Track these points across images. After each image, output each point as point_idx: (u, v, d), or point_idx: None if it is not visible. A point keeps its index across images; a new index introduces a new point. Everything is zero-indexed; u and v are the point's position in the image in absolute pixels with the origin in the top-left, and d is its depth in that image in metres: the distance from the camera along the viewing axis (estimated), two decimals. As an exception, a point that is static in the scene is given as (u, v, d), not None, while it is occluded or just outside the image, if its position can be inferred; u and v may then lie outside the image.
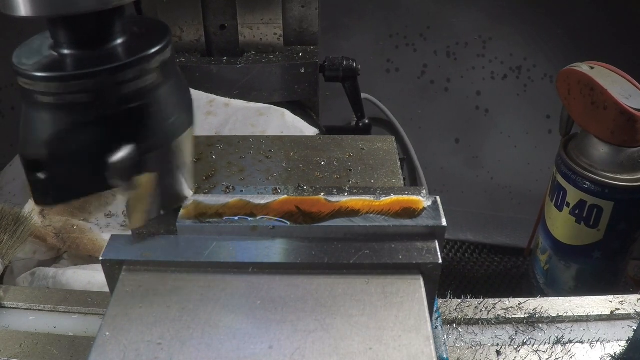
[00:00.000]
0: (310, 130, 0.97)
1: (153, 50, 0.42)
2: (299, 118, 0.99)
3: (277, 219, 0.46)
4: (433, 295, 0.46)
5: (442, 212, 0.47)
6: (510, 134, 1.41)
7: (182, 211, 0.47)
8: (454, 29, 1.38)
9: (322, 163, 0.59)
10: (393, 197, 0.48)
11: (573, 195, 0.90)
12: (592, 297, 0.65)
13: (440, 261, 0.43)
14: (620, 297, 0.65)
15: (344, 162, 0.59)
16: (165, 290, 0.42)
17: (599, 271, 0.94)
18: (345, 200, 0.47)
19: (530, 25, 1.34)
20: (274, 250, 0.44)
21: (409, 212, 0.47)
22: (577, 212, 0.90)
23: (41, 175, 0.43)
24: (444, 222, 0.46)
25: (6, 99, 1.41)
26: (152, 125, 0.43)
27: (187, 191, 0.49)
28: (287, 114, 0.98)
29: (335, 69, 1.10)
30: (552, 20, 1.32)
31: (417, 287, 0.42)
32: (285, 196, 0.48)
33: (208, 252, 0.44)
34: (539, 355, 0.58)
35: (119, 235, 0.46)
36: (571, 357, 0.58)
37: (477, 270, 1.33)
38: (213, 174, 0.57)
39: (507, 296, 0.64)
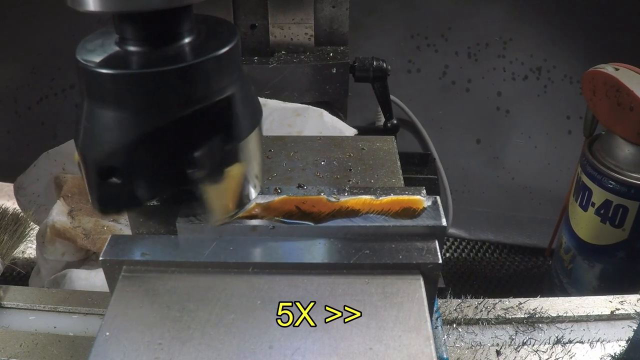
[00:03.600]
0: (349, 131, 0.96)
1: (224, 50, 0.41)
2: (337, 118, 0.98)
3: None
4: (433, 295, 0.46)
5: (442, 212, 0.47)
6: (530, 135, 1.41)
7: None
8: (475, 29, 1.39)
9: (322, 163, 0.59)
10: (393, 197, 0.48)
11: (598, 195, 0.91)
12: (592, 297, 0.65)
13: (441, 261, 0.43)
14: (620, 297, 0.65)
15: (344, 162, 0.59)
16: (165, 290, 0.42)
17: (623, 271, 0.95)
18: (345, 200, 0.47)
19: (550, 27, 1.35)
20: (275, 250, 0.44)
21: (409, 212, 0.47)
22: (602, 212, 0.92)
23: (115, 182, 0.41)
24: (444, 222, 0.46)
25: (22, 99, 1.42)
26: (228, 124, 0.43)
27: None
28: (326, 114, 0.97)
29: (365, 69, 1.10)
30: (571, 21, 1.33)
31: (417, 287, 0.42)
32: (285, 196, 0.48)
33: (208, 252, 0.44)
34: (539, 355, 0.58)
35: (119, 235, 0.46)
36: (571, 357, 0.58)
37: (498, 270, 1.34)
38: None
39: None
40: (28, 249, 1.42)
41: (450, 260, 1.35)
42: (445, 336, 0.59)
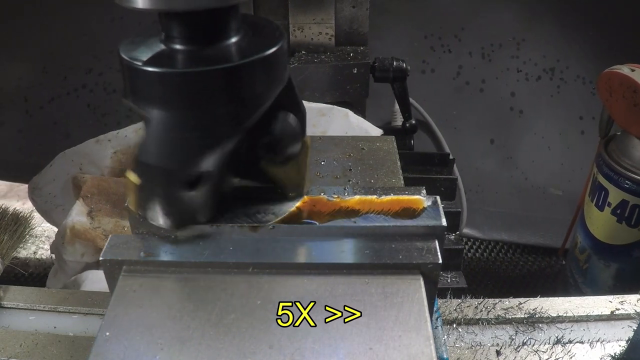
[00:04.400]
0: (375, 131, 0.96)
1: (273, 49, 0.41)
2: (362, 118, 0.98)
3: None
4: (433, 295, 0.46)
5: (442, 212, 0.47)
6: (543, 135, 1.43)
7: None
8: (488, 30, 1.40)
9: (322, 163, 0.59)
10: (393, 197, 0.48)
11: (615, 195, 0.92)
12: (592, 297, 0.65)
13: (440, 261, 0.43)
14: (620, 297, 0.65)
15: (344, 162, 0.59)
16: (165, 291, 0.42)
17: (639, 270, 0.96)
18: (346, 200, 0.47)
19: (563, 27, 1.36)
20: (275, 250, 0.44)
21: (409, 212, 0.47)
22: (618, 211, 0.92)
23: (198, 192, 0.41)
24: (444, 222, 0.46)
25: (34, 98, 1.41)
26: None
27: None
28: (351, 115, 0.96)
29: (385, 69, 1.10)
30: (584, 22, 1.34)
31: (417, 287, 0.42)
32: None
33: (208, 252, 0.44)
34: (539, 356, 0.58)
35: (119, 235, 0.46)
36: (571, 357, 0.58)
37: (511, 270, 1.35)
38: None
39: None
40: (39, 249, 1.42)
41: (464, 260, 1.36)
42: (445, 336, 0.59)
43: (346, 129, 0.94)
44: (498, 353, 0.58)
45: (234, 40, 0.41)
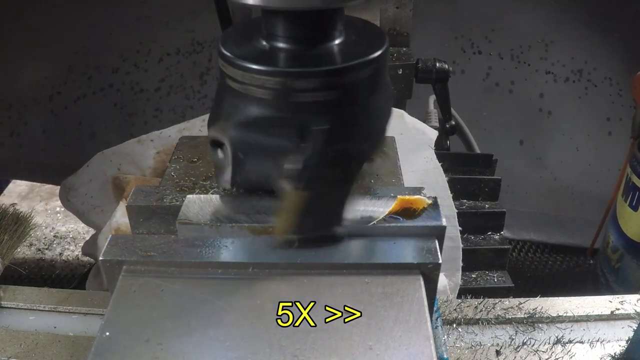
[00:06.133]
0: (431, 132, 0.94)
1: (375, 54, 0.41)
2: (416, 119, 0.97)
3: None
4: (433, 295, 0.46)
5: (442, 212, 0.47)
6: (572, 136, 1.44)
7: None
8: (517, 32, 1.41)
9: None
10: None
11: None
12: (592, 297, 0.65)
13: (440, 261, 0.43)
14: (620, 297, 0.65)
15: (344, 162, 0.59)
16: (165, 291, 0.42)
17: None
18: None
19: (590, 29, 1.37)
20: (275, 250, 0.44)
21: (409, 212, 0.47)
22: None
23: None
24: (444, 222, 0.46)
25: (58, 98, 1.40)
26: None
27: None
28: (406, 116, 0.95)
29: (428, 70, 1.09)
30: (611, 24, 1.35)
31: (417, 287, 0.42)
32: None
33: (208, 252, 0.44)
34: (538, 355, 0.58)
35: (119, 235, 0.46)
36: (571, 357, 0.58)
37: (541, 270, 1.38)
38: (213, 173, 0.57)
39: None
40: (65, 250, 1.41)
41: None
42: (445, 336, 0.59)
43: (401, 129, 0.92)
44: (498, 353, 0.58)
45: (337, 42, 0.43)
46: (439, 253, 0.44)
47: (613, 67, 1.38)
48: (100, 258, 0.44)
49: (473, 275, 0.81)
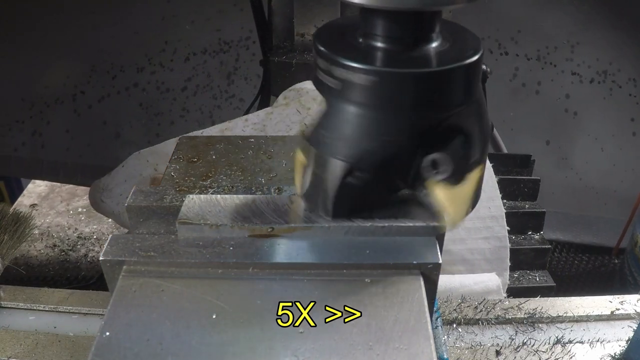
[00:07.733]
0: None
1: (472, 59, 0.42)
2: None
3: None
4: (433, 295, 0.46)
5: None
6: (597, 137, 1.45)
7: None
8: (543, 33, 1.42)
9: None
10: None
11: None
12: (592, 297, 0.65)
13: (440, 261, 0.43)
14: (620, 297, 0.65)
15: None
16: (165, 291, 0.42)
17: None
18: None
19: (616, 31, 1.38)
20: (275, 250, 0.44)
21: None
22: None
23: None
24: (444, 222, 0.46)
25: (82, 97, 1.39)
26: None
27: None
28: None
29: None
30: (635, 26, 1.36)
31: (417, 287, 0.42)
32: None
33: (208, 252, 0.44)
34: (538, 356, 0.58)
35: (119, 235, 0.46)
36: (571, 357, 0.58)
37: (567, 269, 1.40)
38: (213, 173, 0.57)
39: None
40: (90, 252, 1.40)
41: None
42: (445, 336, 0.59)
43: None
44: (498, 353, 0.58)
45: (434, 45, 0.44)
46: (439, 253, 0.44)
47: (637, 68, 1.39)
48: (101, 258, 0.44)
49: (515, 275, 0.82)
